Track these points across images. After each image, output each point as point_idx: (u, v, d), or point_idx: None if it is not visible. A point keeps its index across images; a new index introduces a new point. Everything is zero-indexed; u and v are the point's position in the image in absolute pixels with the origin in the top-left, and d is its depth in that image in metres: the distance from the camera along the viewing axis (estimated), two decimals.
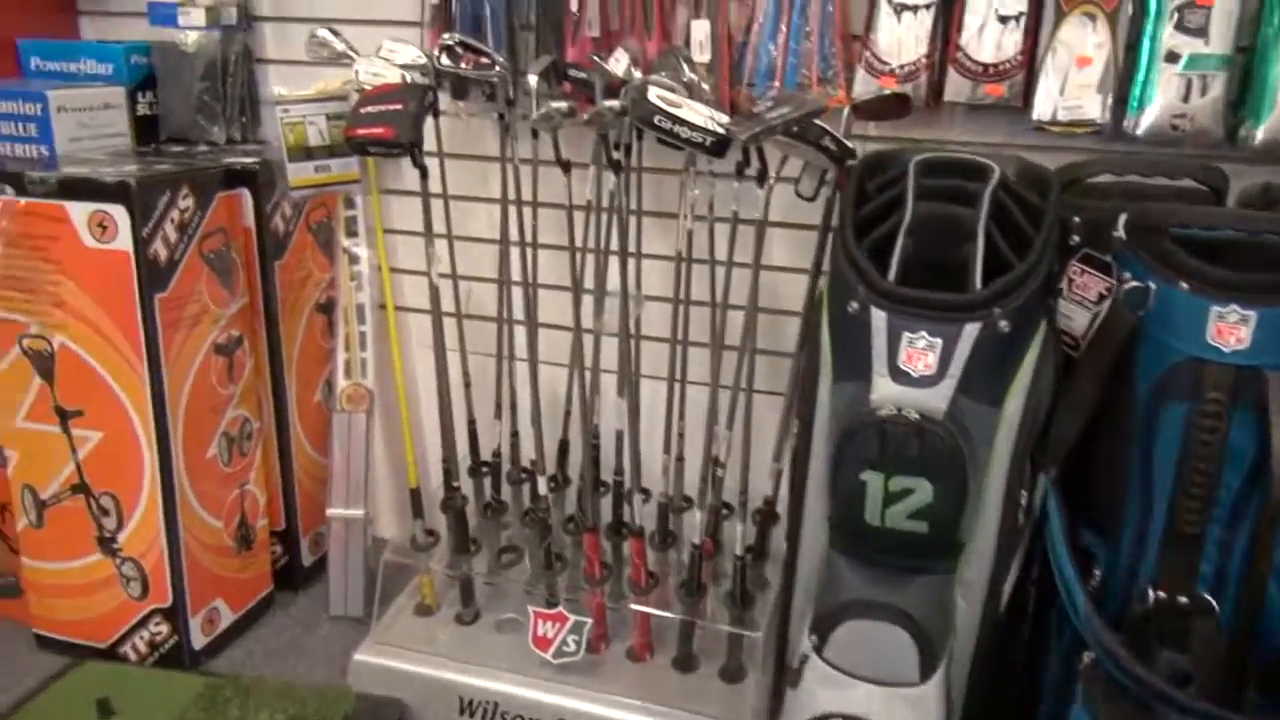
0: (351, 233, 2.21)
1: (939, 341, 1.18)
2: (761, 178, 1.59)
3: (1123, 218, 1.45)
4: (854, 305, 1.24)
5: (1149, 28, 1.65)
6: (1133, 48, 1.68)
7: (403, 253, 2.28)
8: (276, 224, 2.08)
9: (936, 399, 1.18)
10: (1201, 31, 1.61)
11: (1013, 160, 1.39)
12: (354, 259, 2.22)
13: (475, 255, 2.16)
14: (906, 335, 1.19)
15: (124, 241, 1.75)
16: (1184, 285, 1.21)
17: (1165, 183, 1.58)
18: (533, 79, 1.82)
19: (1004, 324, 1.18)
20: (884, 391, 1.20)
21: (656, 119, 1.48)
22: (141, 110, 2.21)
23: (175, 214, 1.83)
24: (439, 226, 1.93)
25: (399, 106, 1.60)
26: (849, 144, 1.61)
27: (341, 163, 1.89)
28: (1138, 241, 1.28)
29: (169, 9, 2.15)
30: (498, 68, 1.71)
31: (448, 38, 1.72)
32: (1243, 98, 1.65)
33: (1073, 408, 1.27)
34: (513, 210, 1.93)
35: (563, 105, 1.61)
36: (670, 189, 1.94)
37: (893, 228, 1.27)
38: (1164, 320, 1.23)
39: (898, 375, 1.19)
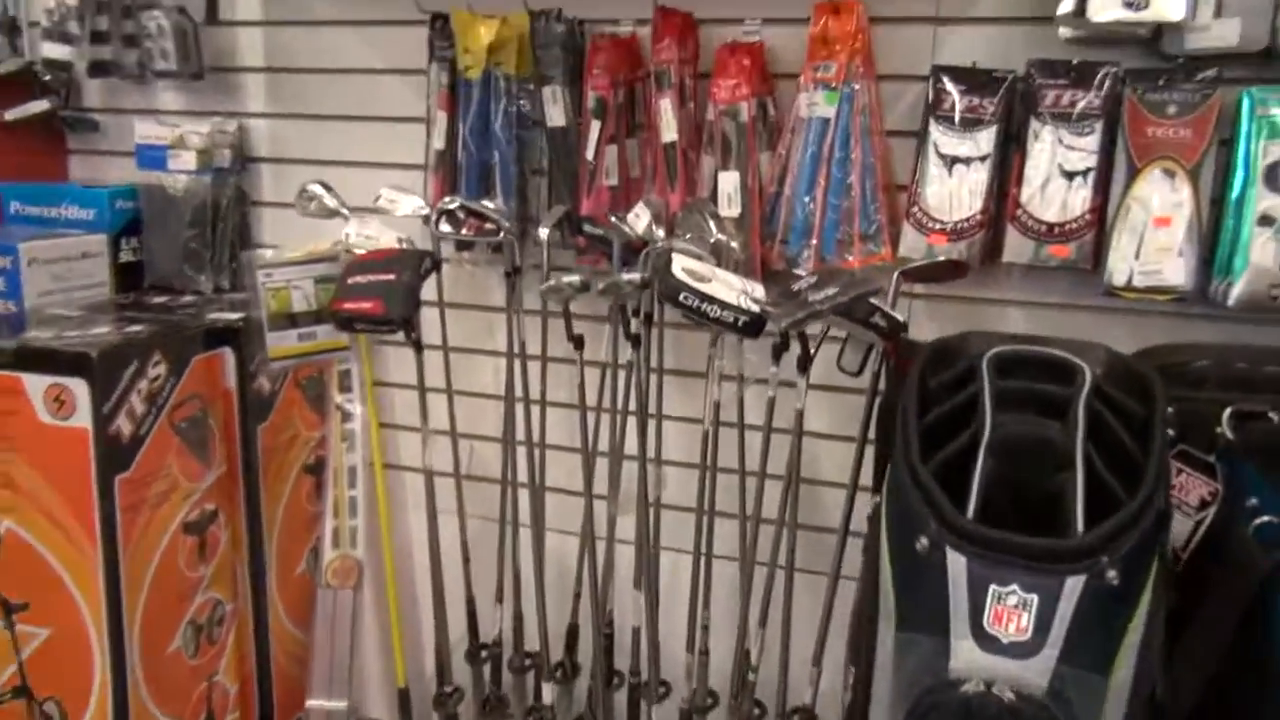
0: (345, 388, 2.02)
1: (1034, 598, 0.95)
2: (803, 364, 1.39)
3: (1228, 414, 1.24)
4: (923, 542, 1.01)
5: (1238, 186, 1.46)
6: (1217, 204, 1.50)
7: (399, 408, 2.09)
8: (261, 383, 1.90)
9: (1034, 672, 0.94)
10: None
11: (1098, 351, 1.18)
12: (347, 416, 2.03)
13: (477, 411, 1.97)
14: (994, 589, 0.96)
15: (83, 418, 1.57)
16: None
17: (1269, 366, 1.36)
18: (544, 232, 1.66)
19: (1113, 574, 0.95)
20: (967, 659, 0.96)
21: (682, 296, 1.30)
22: (124, 257, 2.05)
23: (143, 384, 1.64)
24: (438, 380, 1.74)
25: (391, 277, 1.42)
26: (899, 317, 1.41)
27: (329, 329, 1.71)
28: (1265, 459, 1.05)
29: (158, 151, 2.02)
30: (504, 233, 1.53)
31: (448, 202, 1.55)
32: None
33: (1196, 666, 1.03)
34: (518, 364, 1.74)
35: (575, 279, 1.42)
36: (696, 345, 1.75)
37: (968, 445, 1.05)
38: None
39: (984, 639, 0.96)
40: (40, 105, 2.11)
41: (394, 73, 1.99)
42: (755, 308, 1.30)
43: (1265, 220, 1.43)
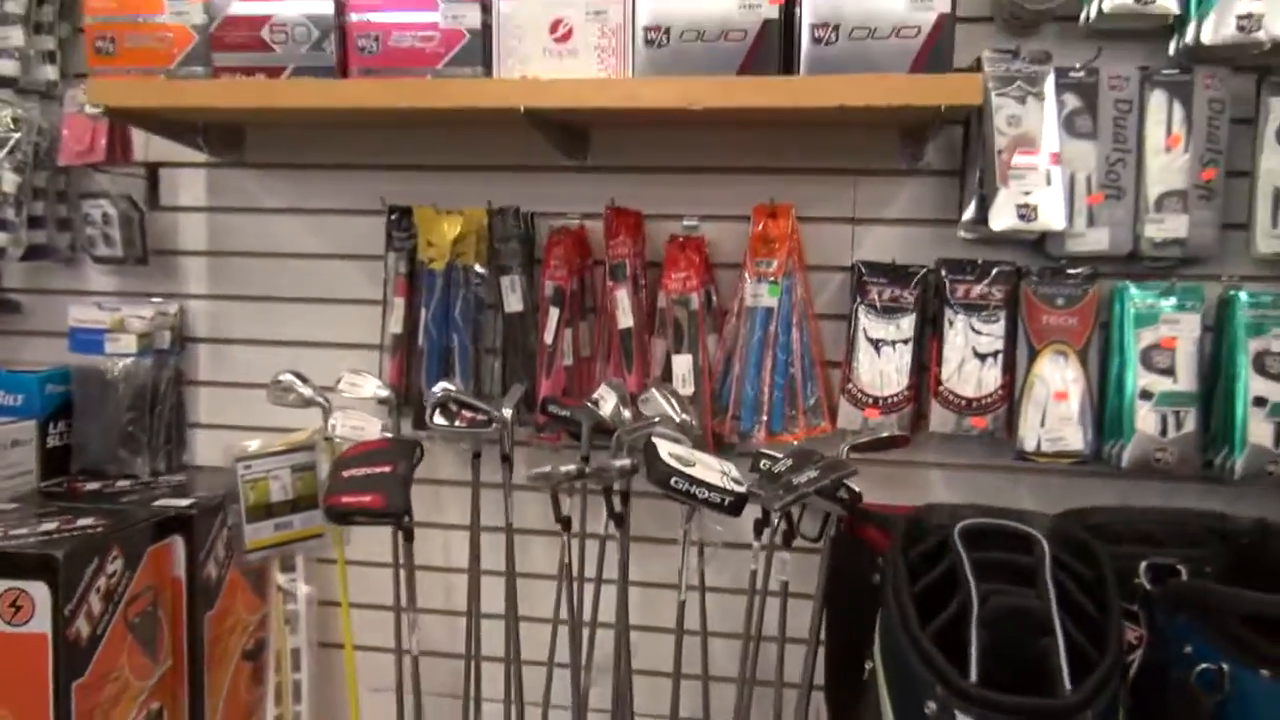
0: (288, 568, 1.99)
1: None
2: (788, 539, 1.52)
3: (1144, 567, 1.45)
4: (932, 706, 1.14)
5: (1117, 365, 1.73)
6: (1104, 380, 1.76)
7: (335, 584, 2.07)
8: (209, 570, 1.86)
9: None
10: (1169, 371, 1.70)
11: (1042, 519, 1.37)
12: (289, 596, 1.99)
13: (431, 585, 1.99)
14: None
15: (41, 622, 1.51)
16: (1264, 673, 1.18)
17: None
18: (508, 412, 1.74)
19: None
20: None
21: (674, 481, 1.40)
22: (51, 442, 1.99)
23: (101, 581, 1.59)
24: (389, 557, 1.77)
25: (387, 469, 1.47)
26: (858, 490, 1.57)
27: (304, 517, 1.71)
28: (1193, 613, 1.25)
29: (94, 335, 2.00)
30: (494, 424, 1.61)
31: (441, 394, 1.62)
32: (1214, 430, 1.72)
33: None
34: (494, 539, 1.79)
35: (570, 467, 1.51)
36: (666, 515, 1.86)
37: (957, 615, 1.20)
38: (1245, 708, 1.19)
39: None
40: None
41: (339, 258, 2.06)
42: (740, 488, 1.42)
43: (1145, 395, 1.70)
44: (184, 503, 1.83)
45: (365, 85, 1.64)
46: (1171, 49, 1.71)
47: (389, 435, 1.61)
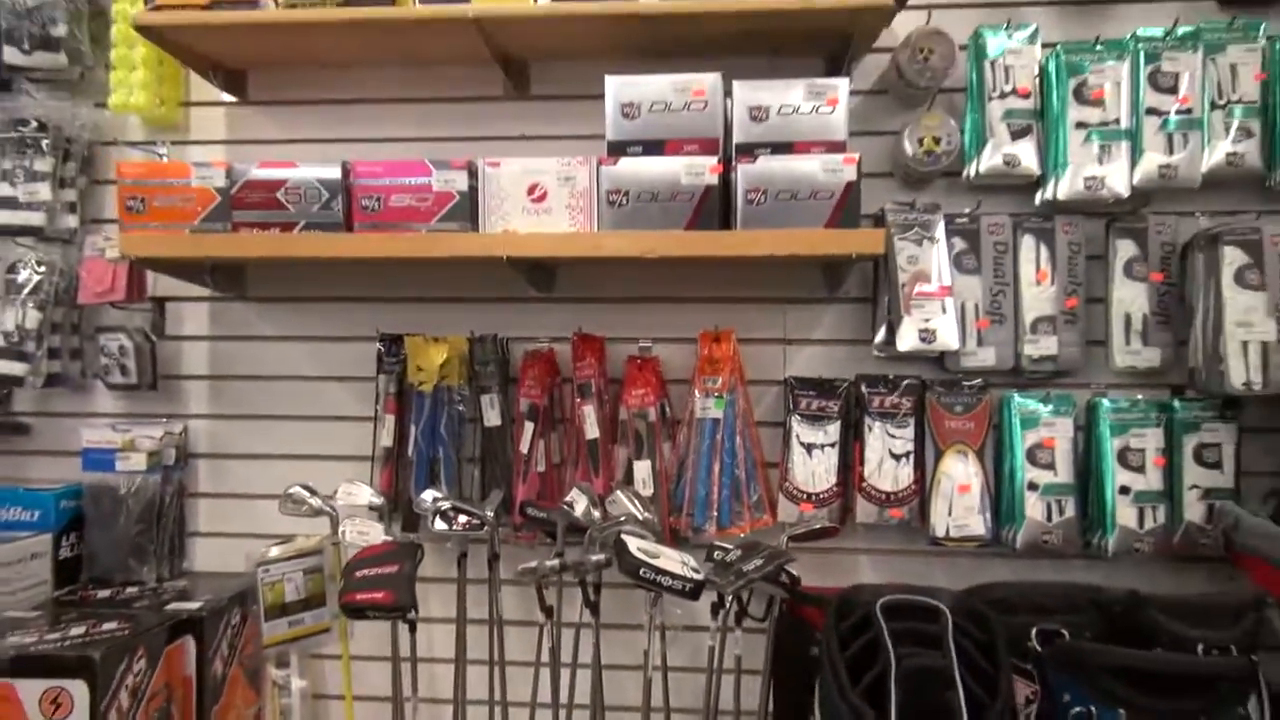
0: (283, 663, 2.17)
1: None
2: (739, 618, 1.78)
3: (1035, 632, 1.75)
4: None
5: (1009, 462, 2.06)
6: (998, 474, 2.08)
7: (330, 676, 2.26)
8: (216, 667, 2.04)
9: None
10: (1051, 466, 2.03)
11: (947, 595, 1.66)
12: (284, 690, 2.17)
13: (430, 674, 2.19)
14: None
15: (80, 718, 1.68)
16: (1123, 712, 1.47)
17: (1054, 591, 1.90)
18: (490, 512, 1.98)
19: None
20: None
21: (642, 572, 1.66)
22: (64, 554, 2.17)
23: (130, 680, 1.78)
24: (371, 649, 1.97)
25: (394, 569, 1.70)
26: (797, 575, 1.85)
27: (314, 614, 1.92)
28: (1074, 671, 1.54)
29: (106, 454, 2.19)
30: (486, 527, 1.86)
31: (441, 503, 1.86)
32: (1090, 514, 2.05)
33: None
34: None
35: (554, 562, 1.76)
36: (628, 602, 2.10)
37: (880, 674, 1.47)
38: None
39: None
40: None
41: (331, 379, 2.31)
42: (699, 576, 1.68)
43: (1032, 486, 2.02)
44: (194, 606, 2.02)
45: (369, 238, 1.92)
46: (1037, 200, 2.09)
47: (392, 539, 1.84)
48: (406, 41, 2.12)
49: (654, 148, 1.91)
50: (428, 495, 1.95)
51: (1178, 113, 1.99)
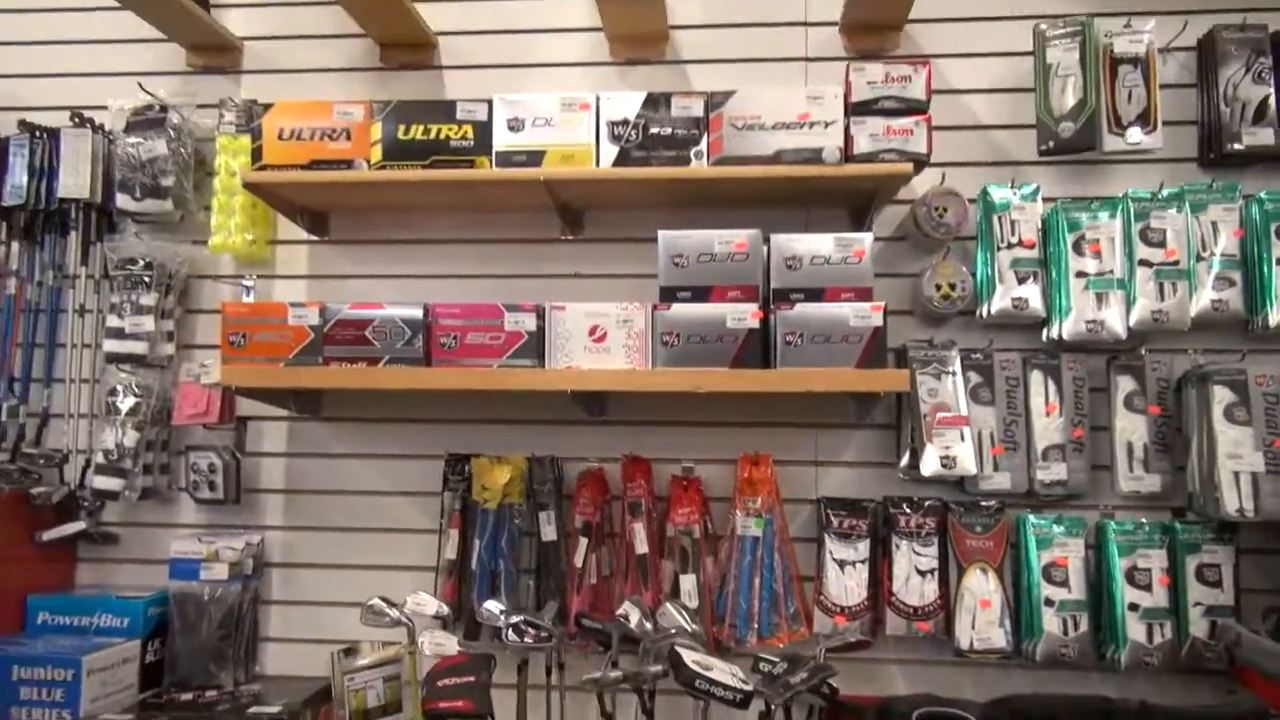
0: None
1: None
2: None
3: None
4: None
5: (1026, 578, 2.24)
6: (1017, 589, 2.25)
7: None
8: None
9: None
10: (1065, 583, 2.21)
11: (976, 707, 1.83)
12: None
13: None
14: None
15: None
16: None
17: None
18: (548, 621, 2.15)
19: None
20: None
21: (698, 683, 1.82)
22: (149, 658, 2.33)
23: None
24: None
25: (472, 679, 1.87)
26: (837, 686, 2.02)
27: None
28: None
29: (192, 564, 2.38)
30: (554, 639, 2.03)
31: (513, 616, 2.04)
32: (1103, 629, 2.22)
33: None
34: None
35: (618, 674, 1.93)
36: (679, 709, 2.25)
37: None
38: None
39: None
40: (76, 526, 2.45)
41: (398, 494, 2.51)
42: (748, 687, 1.85)
43: (1048, 602, 2.19)
44: (274, 710, 2.18)
45: (450, 372, 2.15)
46: (1044, 337, 2.32)
47: (466, 650, 2.01)
48: (477, 195, 2.39)
49: (701, 293, 2.16)
50: (494, 606, 2.12)
51: (1166, 264, 2.23)
